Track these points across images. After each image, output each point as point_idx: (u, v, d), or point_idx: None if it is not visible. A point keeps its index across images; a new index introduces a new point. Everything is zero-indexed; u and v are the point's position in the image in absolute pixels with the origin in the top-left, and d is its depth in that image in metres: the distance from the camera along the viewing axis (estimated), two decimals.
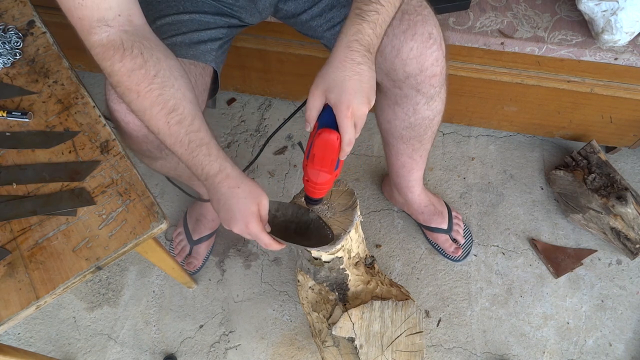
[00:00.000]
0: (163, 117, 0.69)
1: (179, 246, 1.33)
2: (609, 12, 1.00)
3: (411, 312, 0.96)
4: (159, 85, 0.69)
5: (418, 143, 1.02)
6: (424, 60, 0.81)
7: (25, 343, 1.25)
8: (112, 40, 0.68)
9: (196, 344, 1.25)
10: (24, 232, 0.77)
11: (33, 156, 0.83)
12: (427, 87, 0.86)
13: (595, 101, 1.23)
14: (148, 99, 0.69)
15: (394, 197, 1.35)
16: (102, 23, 0.67)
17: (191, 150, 0.70)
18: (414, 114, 0.93)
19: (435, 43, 0.81)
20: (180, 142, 0.70)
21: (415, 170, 1.14)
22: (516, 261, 1.34)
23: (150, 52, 0.69)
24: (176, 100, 0.70)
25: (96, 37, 0.68)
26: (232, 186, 0.71)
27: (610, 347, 1.23)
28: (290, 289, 1.31)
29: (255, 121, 1.55)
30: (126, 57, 0.68)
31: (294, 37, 1.22)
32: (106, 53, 0.68)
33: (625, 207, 1.23)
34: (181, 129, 0.70)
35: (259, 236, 0.73)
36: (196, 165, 0.71)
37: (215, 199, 0.73)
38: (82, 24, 0.67)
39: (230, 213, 0.72)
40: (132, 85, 0.68)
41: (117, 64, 0.68)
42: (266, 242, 0.74)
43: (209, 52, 0.89)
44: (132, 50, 0.68)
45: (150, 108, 0.69)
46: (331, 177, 0.71)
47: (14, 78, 0.90)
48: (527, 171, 1.46)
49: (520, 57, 1.14)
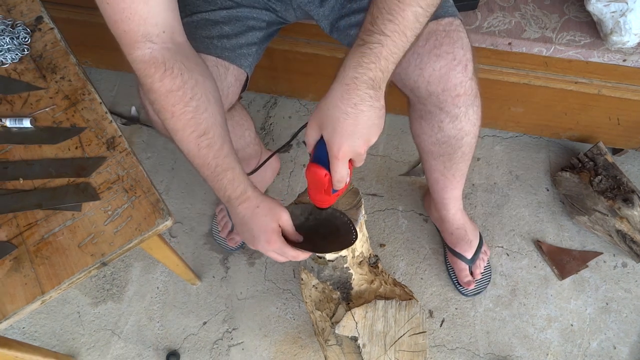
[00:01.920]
0: (194, 139, 0.71)
1: (222, 222, 1.35)
2: (618, 14, 0.99)
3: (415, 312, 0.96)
4: (193, 108, 0.70)
5: (449, 161, 1.00)
6: (447, 81, 0.80)
7: (30, 337, 1.25)
8: (154, 57, 0.68)
9: (199, 340, 1.25)
10: (30, 227, 0.77)
11: (40, 152, 0.84)
12: (451, 106, 0.84)
13: (602, 103, 1.23)
14: (181, 121, 0.70)
15: (431, 211, 1.34)
16: (147, 39, 0.67)
17: (217, 174, 0.72)
18: (440, 131, 0.92)
19: (459, 64, 0.79)
20: (207, 165, 0.72)
21: (449, 189, 1.11)
22: (521, 262, 1.33)
23: (190, 73, 0.70)
24: (208, 124, 0.71)
25: (139, 52, 0.68)
26: (252, 207, 0.73)
27: (615, 350, 1.22)
28: (294, 287, 1.31)
29: (260, 119, 1.55)
30: (166, 77, 0.69)
31: (300, 35, 1.22)
32: (147, 70, 0.69)
33: (631, 210, 1.23)
34: (210, 153, 0.71)
35: (283, 250, 0.74)
36: (220, 188, 0.73)
37: (238, 220, 0.76)
38: (126, 37, 0.68)
39: (252, 232, 0.74)
40: (167, 105, 0.70)
41: (156, 83, 0.69)
42: (293, 255, 0.75)
43: (245, 56, 0.90)
44: (172, 70, 0.69)
45: (182, 130, 0.71)
46: (330, 198, 0.73)
47: (21, 73, 0.90)
48: (533, 172, 1.46)
49: (527, 58, 1.13)
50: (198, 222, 1.40)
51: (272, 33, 1.01)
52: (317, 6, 0.92)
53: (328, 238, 0.81)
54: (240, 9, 0.90)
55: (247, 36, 0.90)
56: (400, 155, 1.49)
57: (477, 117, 0.90)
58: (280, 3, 0.94)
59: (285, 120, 1.55)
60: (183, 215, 1.41)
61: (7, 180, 0.81)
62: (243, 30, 0.90)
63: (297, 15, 0.98)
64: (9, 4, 0.97)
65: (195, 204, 1.43)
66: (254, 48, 0.92)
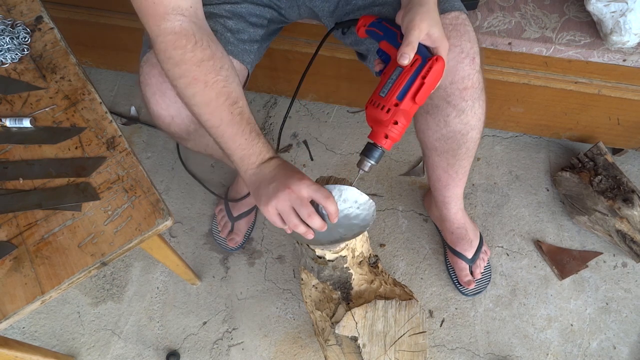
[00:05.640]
0: (227, 107, 0.73)
1: (222, 222, 1.35)
2: (618, 13, 0.99)
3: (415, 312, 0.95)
4: (224, 77, 0.72)
5: (452, 158, 1.01)
6: (455, 74, 0.81)
7: (30, 337, 1.25)
8: (185, 28, 0.70)
9: (199, 340, 1.25)
10: (30, 227, 0.77)
11: (40, 152, 0.84)
12: (458, 99, 0.85)
13: (602, 103, 1.23)
14: (214, 90, 0.72)
15: (431, 210, 1.34)
16: (177, 12, 0.70)
17: (252, 138, 0.74)
18: (445, 126, 0.92)
19: (467, 57, 0.80)
20: (242, 132, 0.74)
21: (451, 186, 1.12)
22: (521, 262, 1.33)
23: (217, 45, 0.74)
24: (237, 93, 0.74)
25: (169, 24, 0.70)
26: (281, 161, 0.76)
27: (615, 350, 1.22)
28: (294, 287, 1.31)
29: (260, 119, 1.55)
30: (198, 47, 0.71)
31: (300, 35, 1.22)
32: (178, 42, 0.70)
33: (631, 210, 1.23)
34: (243, 119, 0.74)
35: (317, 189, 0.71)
36: (253, 153, 0.75)
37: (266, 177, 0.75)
38: (155, 9, 0.69)
39: (285, 178, 0.72)
40: (200, 75, 0.71)
41: (188, 53, 0.70)
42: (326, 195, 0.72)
43: (248, 52, 0.91)
44: (202, 41, 0.71)
45: (216, 98, 0.72)
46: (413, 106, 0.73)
47: (21, 73, 0.90)
48: (532, 172, 1.46)
49: (527, 58, 1.13)
50: (198, 222, 1.40)
51: (274, 32, 1.01)
52: (322, 1, 0.93)
53: None
54: (244, 4, 0.91)
55: (250, 32, 0.91)
56: (400, 155, 1.49)
57: (482, 111, 0.91)
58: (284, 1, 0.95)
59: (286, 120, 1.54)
60: (183, 215, 1.41)
61: (7, 180, 0.81)
62: (245, 26, 0.90)
63: (301, 13, 0.98)
64: (9, 4, 0.97)
65: (195, 204, 1.43)
66: (255, 45, 0.93)
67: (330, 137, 1.52)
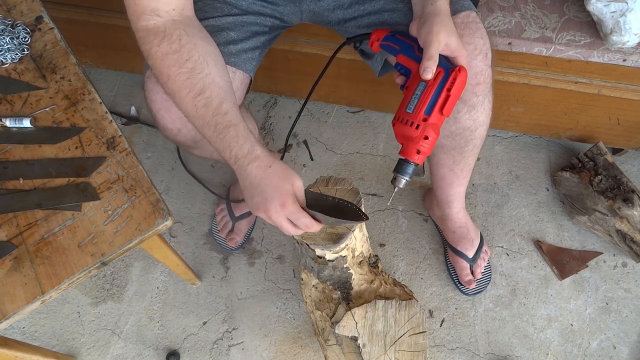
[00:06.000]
0: (190, 100, 0.72)
1: (222, 222, 1.35)
2: (618, 13, 0.99)
3: (415, 312, 0.96)
4: (188, 70, 0.72)
5: (459, 155, 1.01)
6: (469, 70, 0.81)
7: (30, 337, 1.25)
8: (157, 26, 0.73)
9: (199, 340, 1.25)
10: (30, 227, 0.77)
11: (40, 152, 0.84)
12: (470, 95, 0.85)
13: (602, 103, 1.23)
14: (176, 83, 0.72)
15: (432, 210, 1.34)
16: (154, 13, 0.72)
17: (218, 132, 0.71)
18: (455, 123, 0.92)
19: (480, 53, 0.81)
20: (208, 125, 0.72)
21: (455, 185, 1.12)
22: (521, 262, 1.33)
23: (190, 38, 0.73)
24: (204, 84, 0.72)
25: (144, 22, 0.73)
26: (263, 166, 0.69)
27: (615, 350, 1.22)
28: (294, 287, 1.31)
29: (260, 119, 1.55)
30: (164, 42, 0.72)
31: (300, 35, 1.22)
32: (147, 37, 0.73)
33: (631, 210, 1.23)
34: (208, 112, 0.72)
35: (297, 216, 0.68)
36: (225, 147, 0.71)
37: (247, 183, 0.70)
38: (135, 8, 0.72)
39: (264, 195, 0.68)
40: (163, 68, 0.73)
41: (154, 47, 0.73)
42: (306, 223, 0.69)
43: (250, 60, 0.91)
44: (171, 36, 0.72)
45: (178, 91, 0.73)
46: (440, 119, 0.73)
47: (21, 73, 0.90)
48: (532, 172, 1.46)
49: (527, 58, 1.13)
50: (198, 222, 1.40)
51: (275, 36, 1.02)
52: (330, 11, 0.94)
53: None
54: (246, 16, 0.91)
55: (252, 41, 0.91)
56: None
57: (490, 107, 0.93)
58: (288, 8, 0.95)
59: (285, 120, 1.55)
60: (183, 215, 1.41)
61: (7, 180, 0.81)
62: (248, 35, 0.91)
63: (303, 18, 0.99)
64: (9, 4, 0.97)
65: (195, 204, 1.43)
66: (257, 52, 0.93)
67: (330, 137, 1.52)
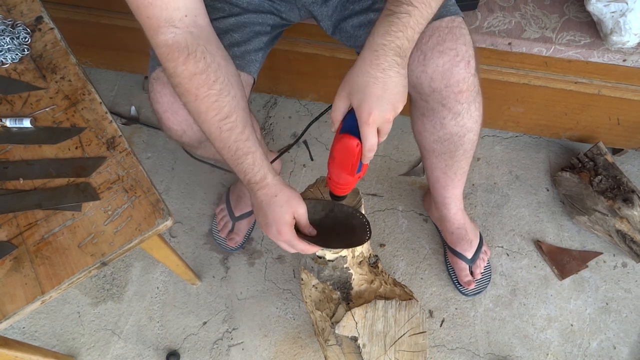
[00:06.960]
0: (216, 122, 0.72)
1: (222, 222, 1.35)
2: (618, 14, 0.99)
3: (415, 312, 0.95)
4: (217, 91, 0.71)
5: (450, 159, 1.01)
6: (450, 77, 0.80)
7: (30, 337, 1.25)
8: (177, 41, 0.70)
9: (199, 340, 1.25)
10: (30, 227, 0.77)
11: (40, 152, 0.84)
12: (453, 102, 0.84)
13: (602, 103, 1.23)
14: (205, 104, 0.72)
15: (431, 210, 1.34)
16: (169, 24, 0.69)
17: (237, 157, 0.74)
18: (442, 128, 0.92)
19: (462, 60, 0.79)
20: (228, 148, 0.73)
21: (450, 187, 1.12)
22: (521, 262, 1.33)
23: (213, 57, 0.72)
24: (230, 107, 0.72)
25: (162, 37, 0.70)
26: (270, 194, 0.75)
27: (615, 350, 1.22)
28: (294, 287, 1.31)
29: (260, 119, 1.55)
30: (190, 60, 0.70)
31: (300, 35, 1.22)
32: (171, 54, 0.70)
33: (631, 210, 1.23)
34: (231, 136, 0.73)
35: (292, 243, 0.76)
36: (240, 171, 0.75)
37: (255, 204, 0.78)
38: (149, 22, 0.69)
39: (266, 219, 0.76)
40: (192, 88, 0.71)
41: (180, 66, 0.70)
42: (302, 249, 0.77)
43: (253, 62, 0.91)
44: (195, 53, 0.70)
45: (205, 112, 0.72)
46: (353, 179, 0.73)
47: (21, 74, 0.90)
48: (532, 172, 1.46)
49: (527, 58, 1.13)
50: (198, 222, 1.40)
51: (276, 36, 1.02)
52: (320, 5, 0.93)
53: (342, 236, 0.82)
54: (247, 14, 0.91)
55: (254, 42, 0.91)
56: (400, 155, 1.49)
57: (478, 114, 0.91)
58: (285, 3, 0.95)
59: (285, 120, 1.55)
60: (183, 215, 1.41)
61: (7, 180, 0.81)
62: (251, 36, 0.91)
63: (301, 14, 0.99)
64: (9, 4, 0.97)
65: (195, 204, 1.43)
66: (260, 53, 0.93)
67: (330, 137, 1.52)
